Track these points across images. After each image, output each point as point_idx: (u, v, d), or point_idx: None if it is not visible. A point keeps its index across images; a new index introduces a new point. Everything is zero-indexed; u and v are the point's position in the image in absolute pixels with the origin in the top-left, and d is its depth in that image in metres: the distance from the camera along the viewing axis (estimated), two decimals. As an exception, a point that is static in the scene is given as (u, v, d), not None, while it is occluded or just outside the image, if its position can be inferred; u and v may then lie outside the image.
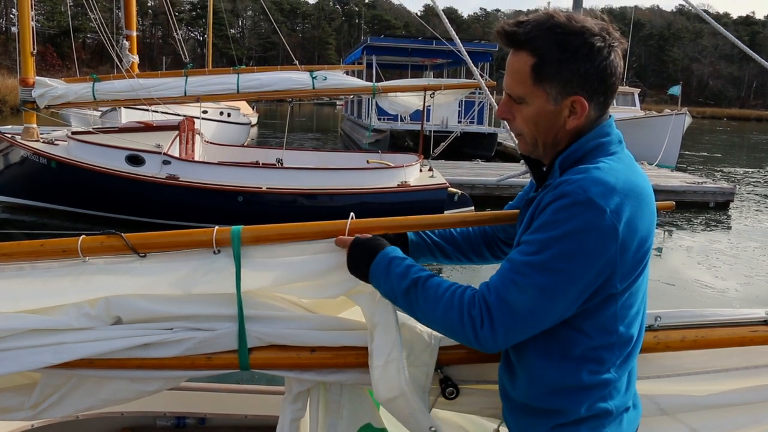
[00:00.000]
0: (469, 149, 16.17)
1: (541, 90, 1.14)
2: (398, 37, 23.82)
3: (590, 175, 1.07)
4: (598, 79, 1.12)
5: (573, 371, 1.14)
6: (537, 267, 1.05)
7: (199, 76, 8.27)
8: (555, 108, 1.14)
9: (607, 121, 1.19)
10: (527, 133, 1.19)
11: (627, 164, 1.14)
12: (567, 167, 1.15)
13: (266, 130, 25.26)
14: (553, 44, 1.11)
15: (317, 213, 7.45)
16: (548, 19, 1.12)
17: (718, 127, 50.73)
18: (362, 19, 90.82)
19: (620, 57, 1.15)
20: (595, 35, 1.11)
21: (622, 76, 1.20)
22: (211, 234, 1.26)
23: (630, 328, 1.16)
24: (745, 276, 7.33)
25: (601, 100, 1.15)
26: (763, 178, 17.16)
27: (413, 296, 1.16)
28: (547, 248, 1.05)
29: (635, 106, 21.46)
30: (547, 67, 1.12)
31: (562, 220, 1.04)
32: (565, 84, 1.12)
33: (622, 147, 1.18)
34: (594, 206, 1.03)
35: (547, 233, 1.06)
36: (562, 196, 1.06)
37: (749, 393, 1.40)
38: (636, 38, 62.36)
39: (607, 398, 1.16)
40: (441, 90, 8.51)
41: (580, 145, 1.15)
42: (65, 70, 37.83)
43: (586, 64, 1.11)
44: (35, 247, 1.28)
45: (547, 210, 1.08)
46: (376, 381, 1.23)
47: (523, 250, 1.09)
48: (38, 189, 8.09)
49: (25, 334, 1.22)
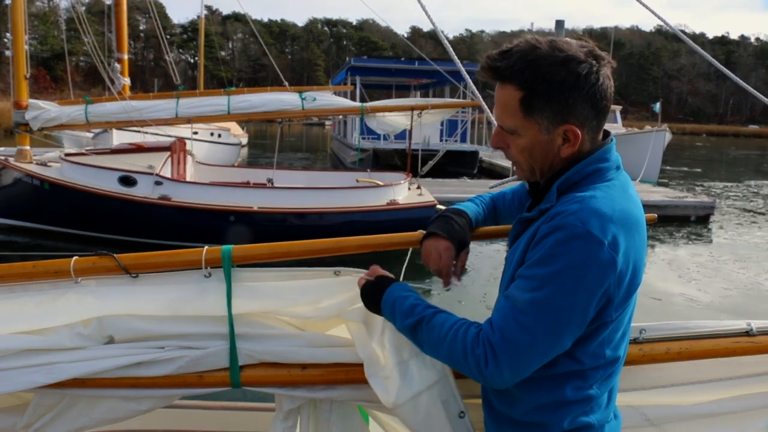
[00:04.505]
0: (453, 167, 16.42)
1: (533, 121, 1.13)
2: (381, 57, 24.19)
3: (587, 206, 1.06)
4: (589, 105, 1.12)
5: (558, 388, 1.16)
6: (539, 305, 1.05)
7: (190, 98, 8.32)
8: (548, 137, 1.14)
9: (607, 146, 1.18)
10: (523, 161, 1.19)
11: (622, 191, 1.13)
12: (564, 190, 1.15)
13: (257, 151, 25.37)
14: (540, 77, 1.09)
15: (308, 232, 7.54)
16: (532, 50, 1.10)
17: (698, 143, 51.52)
18: (350, 40, 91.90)
19: (609, 77, 1.14)
20: (582, 62, 1.09)
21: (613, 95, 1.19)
22: (201, 254, 1.28)
23: (617, 350, 1.17)
24: (725, 288, 7.43)
25: (594, 124, 1.15)
26: (742, 192, 17.37)
27: (419, 334, 1.18)
28: (548, 284, 1.04)
29: (617, 122, 21.82)
30: (536, 99, 1.11)
31: (561, 254, 1.04)
32: (556, 114, 1.11)
33: (620, 172, 1.18)
34: (592, 239, 1.03)
35: (546, 268, 1.05)
36: (560, 228, 1.05)
37: (733, 402, 1.43)
38: (617, 57, 63.03)
39: (590, 413, 1.17)
40: (428, 109, 8.70)
41: (579, 170, 1.14)
42: (58, 92, 37.82)
43: (575, 93, 1.09)
44: (27, 268, 1.28)
45: (545, 243, 1.07)
46: (389, 387, 1.25)
47: (523, 285, 1.08)
48: (32, 210, 8.10)
49: (17, 355, 1.23)
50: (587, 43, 1.13)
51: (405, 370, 1.28)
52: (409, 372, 1.28)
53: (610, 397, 1.22)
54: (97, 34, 10.15)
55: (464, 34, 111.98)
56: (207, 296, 1.28)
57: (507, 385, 1.10)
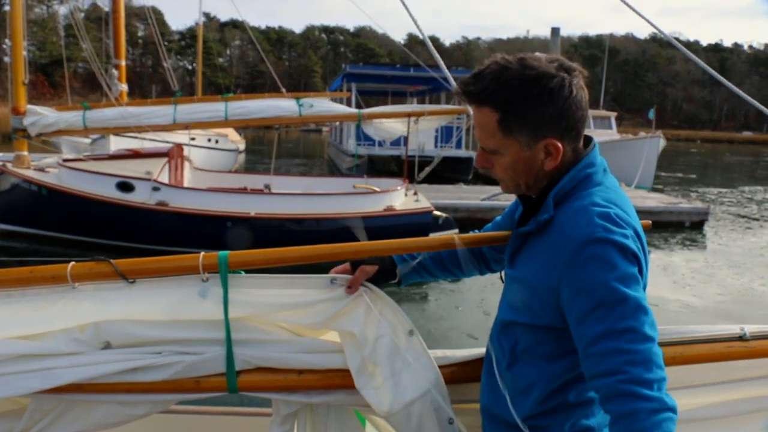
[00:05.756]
0: (447, 173, 16.48)
1: (513, 140, 1.14)
2: (377, 64, 24.28)
3: (594, 214, 1.08)
4: (565, 118, 1.13)
5: (560, 392, 1.17)
6: (624, 315, 1.03)
7: (187, 104, 8.31)
8: (529, 153, 1.15)
9: (591, 152, 1.19)
10: (507, 178, 1.21)
11: (615, 192, 1.16)
12: (558, 200, 1.16)
13: (254, 156, 25.37)
14: (513, 97, 1.11)
15: (305, 238, 7.53)
16: (503, 70, 1.11)
17: (692, 149, 51.79)
18: (347, 47, 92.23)
19: (583, 87, 1.15)
20: (553, 77, 1.10)
21: (593, 102, 1.22)
22: (198, 259, 1.28)
23: None
24: (719, 293, 7.46)
25: (573, 134, 1.16)
26: (736, 198, 17.44)
27: None
28: (607, 300, 1.03)
29: (611, 129, 21.88)
30: (512, 119, 1.12)
31: (595, 270, 1.04)
32: (534, 131, 1.13)
33: (607, 174, 1.20)
34: (612, 241, 1.05)
35: (595, 292, 1.04)
36: (580, 246, 1.06)
37: (727, 407, 1.44)
38: (612, 64, 64.03)
39: (590, 416, 1.18)
40: (425, 116, 8.75)
41: (571, 178, 1.16)
42: (56, 98, 37.80)
43: (549, 108, 1.11)
44: (24, 274, 1.28)
45: (574, 270, 1.06)
46: (382, 396, 1.26)
47: (593, 321, 1.04)
48: (29, 216, 8.09)
49: (13, 360, 1.22)
50: (556, 57, 1.15)
51: (398, 381, 1.30)
52: (402, 382, 1.30)
53: None
54: (95, 41, 10.20)
55: (461, 41, 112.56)
56: (204, 302, 1.29)
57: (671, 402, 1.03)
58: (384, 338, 1.31)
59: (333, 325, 1.34)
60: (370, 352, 1.30)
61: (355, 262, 1.38)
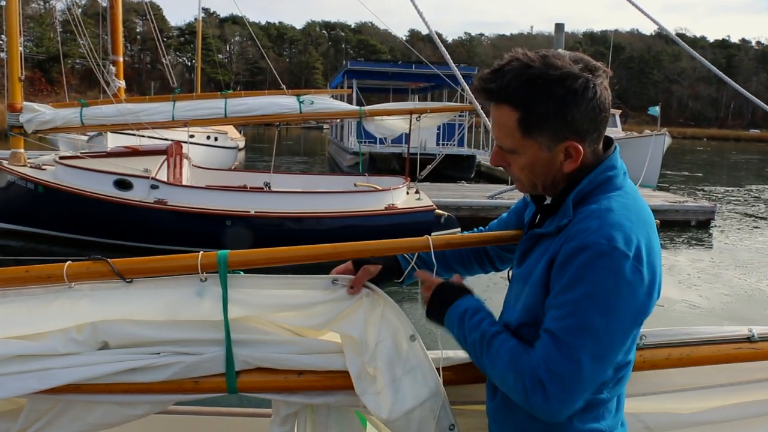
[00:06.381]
0: (449, 171, 16.41)
1: (532, 141, 1.11)
2: (379, 61, 24.23)
3: (607, 221, 1.05)
4: (588, 120, 1.10)
5: None
6: (576, 331, 1.03)
7: (186, 101, 8.28)
8: (549, 155, 1.13)
9: (612, 155, 1.17)
10: (524, 178, 1.18)
11: (634, 197, 1.13)
12: (577, 202, 1.13)
13: (254, 154, 25.34)
14: (536, 97, 1.07)
15: (305, 236, 7.48)
16: (525, 68, 1.07)
17: (699, 147, 51.78)
18: (348, 44, 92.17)
19: (607, 87, 1.12)
20: (578, 78, 1.06)
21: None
22: (197, 259, 1.26)
23: (628, 354, 1.16)
24: (726, 294, 7.42)
25: (595, 136, 1.13)
26: (743, 196, 17.44)
27: (479, 351, 1.17)
28: (581, 308, 1.03)
29: (616, 127, 21.90)
30: (533, 119, 1.09)
31: (589, 275, 1.02)
32: (556, 132, 1.10)
33: (626, 178, 1.17)
34: (618, 255, 1.02)
35: (576, 291, 1.03)
36: (584, 249, 1.03)
37: (733, 410, 1.42)
38: (617, 61, 63.91)
39: (600, 419, 1.17)
40: (427, 113, 8.66)
41: (590, 181, 1.13)
42: (53, 95, 37.77)
43: (573, 110, 1.07)
44: (20, 273, 1.26)
45: (569, 266, 1.05)
46: (381, 403, 1.24)
47: (556, 315, 1.06)
48: (26, 214, 8.04)
49: (10, 360, 1.21)
50: (580, 54, 1.12)
51: (398, 387, 1.28)
52: (402, 388, 1.28)
53: (618, 403, 1.21)
54: (93, 37, 10.12)
55: (463, 38, 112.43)
56: (203, 301, 1.27)
57: (557, 418, 1.07)
58: (385, 343, 1.30)
59: (333, 327, 1.33)
60: (370, 357, 1.29)
61: (357, 261, 1.35)
